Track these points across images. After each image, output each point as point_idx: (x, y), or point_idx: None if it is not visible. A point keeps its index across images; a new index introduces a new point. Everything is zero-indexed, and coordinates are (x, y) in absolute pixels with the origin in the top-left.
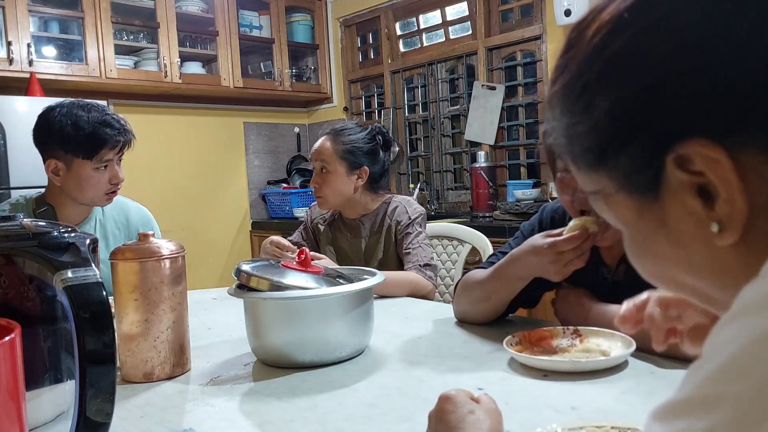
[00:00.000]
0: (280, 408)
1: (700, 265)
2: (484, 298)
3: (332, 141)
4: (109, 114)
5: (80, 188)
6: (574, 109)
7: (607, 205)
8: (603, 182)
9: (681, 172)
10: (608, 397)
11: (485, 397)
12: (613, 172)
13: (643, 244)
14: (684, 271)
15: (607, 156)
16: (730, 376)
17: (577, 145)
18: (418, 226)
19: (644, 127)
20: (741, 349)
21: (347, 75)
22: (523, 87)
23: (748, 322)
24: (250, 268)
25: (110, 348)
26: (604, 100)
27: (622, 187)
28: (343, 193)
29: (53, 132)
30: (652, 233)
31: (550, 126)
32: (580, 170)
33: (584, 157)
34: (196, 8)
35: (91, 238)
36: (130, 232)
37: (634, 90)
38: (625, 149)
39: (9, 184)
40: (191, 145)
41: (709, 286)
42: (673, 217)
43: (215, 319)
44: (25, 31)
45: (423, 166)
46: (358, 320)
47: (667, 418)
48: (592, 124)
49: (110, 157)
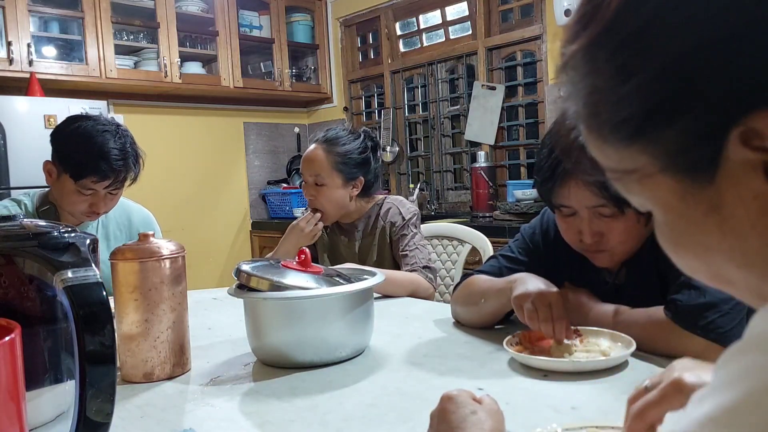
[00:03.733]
0: (280, 408)
1: (757, 256)
2: (478, 310)
3: (325, 152)
4: (116, 148)
5: (61, 199)
6: (605, 71)
7: (641, 185)
8: (640, 160)
9: (747, 150)
10: (608, 397)
11: (487, 398)
12: (655, 147)
13: (686, 233)
14: (735, 264)
15: (650, 129)
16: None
17: (608, 113)
18: (413, 227)
19: (706, 94)
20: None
21: (347, 75)
22: (523, 87)
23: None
24: (250, 268)
25: (110, 348)
26: (649, 60)
27: (667, 167)
28: (341, 205)
29: (61, 139)
30: (699, 220)
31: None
32: (607, 143)
33: (616, 129)
34: (196, 8)
35: (91, 238)
36: (132, 234)
37: (693, 46)
38: (676, 121)
39: (9, 184)
40: (191, 146)
41: (759, 278)
42: (729, 201)
43: (215, 319)
44: (25, 31)
45: (423, 166)
46: (358, 320)
47: None
48: (632, 88)
49: (94, 188)
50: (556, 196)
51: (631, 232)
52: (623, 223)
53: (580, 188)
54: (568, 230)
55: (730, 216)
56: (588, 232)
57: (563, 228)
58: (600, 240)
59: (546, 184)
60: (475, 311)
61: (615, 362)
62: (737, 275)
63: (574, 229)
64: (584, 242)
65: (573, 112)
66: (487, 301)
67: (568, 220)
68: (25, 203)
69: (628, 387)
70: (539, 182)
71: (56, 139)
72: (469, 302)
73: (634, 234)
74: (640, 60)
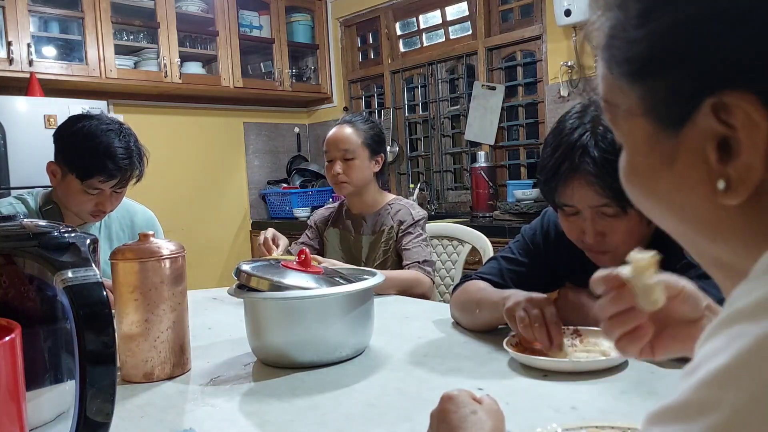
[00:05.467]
0: (280, 408)
1: (693, 213)
2: (473, 319)
3: (353, 128)
4: (121, 147)
5: (67, 199)
6: (631, 8)
7: (624, 121)
8: (630, 98)
9: (713, 119)
10: (608, 397)
11: (487, 398)
12: (645, 91)
13: (643, 175)
14: (673, 214)
15: (648, 74)
16: (725, 383)
17: (620, 49)
18: (420, 228)
19: (698, 59)
20: (736, 355)
21: (347, 75)
22: (523, 87)
23: (742, 328)
24: (250, 268)
25: (110, 348)
26: (669, 12)
27: (648, 112)
28: (366, 179)
29: (65, 139)
30: (656, 167)
31: (594, 16)
32: (611, 74)
33: (623, 64)
34: (196, 8)
35: (91, 238)
36: (135, 235)
37: (707, 13)
38: (668, 74)
39: (9, 184)
40: (191, 146)
41: (695, 234)
42: (683, 159)
43: (215, 319)
44: (25, 31)
45: (423, 166)
46: (358, 320)
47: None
48: (647, 33)
49: (101, 188)
50: (559, 195)
51: (633, 233)
52: (626, 224)
53: (583, 187)
54: (571, 230)
55: (680, 172)
56: (591, 231)
57: (566, 227)
58: (602, 240)
59: (549, 183)
60: (470, 319)
61: (615, 362)
62: (673, 224)
63: (577, 229)
64: (587, 242)
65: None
66: (481, 311)
67: (570, 219)
68: (29, 201)
69: (628, 387)
70: (542, 181)
71: (60, 140)
72: (464, 309)
73: (637, 234)
74: (662, 9)
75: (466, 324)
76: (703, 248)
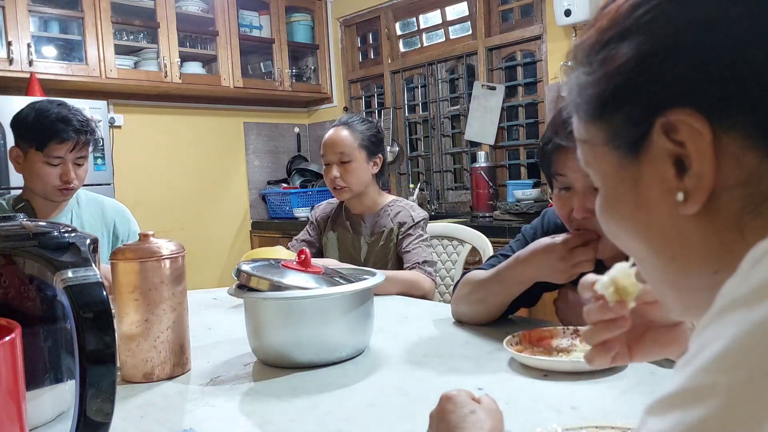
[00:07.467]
0: (280, 408)
1: (657, 231)
2: (482, 300)
3: (349, 130)
4: (76, 114)
5: (32, 179)
6: (592, 61)
7: (593, 156)
8: (595, 133)
9: (665, 140)
10: (608, 397)
11: (486, 398)
12: (606, 125)
13: (613, 202)
14: (640, 236)
15: (606, 109)
16: (722, 367)
17: (584, 94)
18: (420, 230)
19: (644, 87)
20: (732, 340)
21: (347, 75)
22: (523, 87)
23: (737, 315)
24: (250, 268)
25: (110, 348)
26: (619, 57)
27: (609, 141)
28: (364, 181)
29: (20, 119)
30: (623, 193)
31: (567, 78)
32: (580, 119)
33: (586, 106)
34: (196, 8)
35: (91, 238)
36: (107, 223)
37: (645, 52)
38: (622, 106)
39: (9, 184)
40: (191, 146)
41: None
42: (645, 180)
43: (215, 319)
44: (25, 31)
45: (423, 166)
46: (357, 320)
47: (660, 411)
48: (603, 74)
49: (61, 154)
50: (554, 162)
51: None
52: None
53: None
54: (562, 207)
55: (643, 193)
56: (580, 206)
57: (557, 205)
58: (590, 219)
59: (545, 148)
60: (478, 307)
61: None
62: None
63: (567, 206)
64: (575, 220)
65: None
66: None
67: (562, 195)
68: (2, 204)
69: (628, 387)
70: (540, 149)
71: (16, 123)
72: (471, 296)
73: None
74: (615, 55)
75: (474, 315)
76: (661, 269)
